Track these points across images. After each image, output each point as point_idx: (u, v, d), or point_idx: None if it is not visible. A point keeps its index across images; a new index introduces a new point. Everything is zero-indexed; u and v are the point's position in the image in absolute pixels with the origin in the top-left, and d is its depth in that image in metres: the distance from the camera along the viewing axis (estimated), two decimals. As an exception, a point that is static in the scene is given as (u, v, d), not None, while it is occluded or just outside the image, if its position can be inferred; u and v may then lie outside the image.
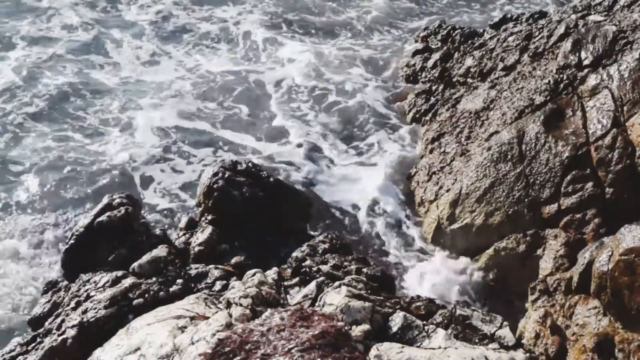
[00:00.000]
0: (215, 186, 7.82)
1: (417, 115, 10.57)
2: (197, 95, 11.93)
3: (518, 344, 5.61)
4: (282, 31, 14.52)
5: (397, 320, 5.39)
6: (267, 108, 11.63)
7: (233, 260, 7.09)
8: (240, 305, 5.44)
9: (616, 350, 5.28)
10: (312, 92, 12.06)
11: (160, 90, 12.02)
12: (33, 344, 6.18)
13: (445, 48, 11.71)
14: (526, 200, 7.29)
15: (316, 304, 5.61)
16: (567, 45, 8.26)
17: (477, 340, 5.45)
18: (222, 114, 11.45)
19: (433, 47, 12.26)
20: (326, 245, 7.30)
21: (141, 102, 11.65)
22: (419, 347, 5.13)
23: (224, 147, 10.61)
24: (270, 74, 12.71)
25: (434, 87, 10.79)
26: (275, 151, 10.45)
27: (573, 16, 9.08)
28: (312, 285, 5.93)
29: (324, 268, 6.67)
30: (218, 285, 6.56)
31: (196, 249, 7.34)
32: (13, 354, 6.16)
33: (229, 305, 5.54)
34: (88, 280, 6.74)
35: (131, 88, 12.18)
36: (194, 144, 10.64)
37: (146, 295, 6.32)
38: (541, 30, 9.51)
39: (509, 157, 7.63)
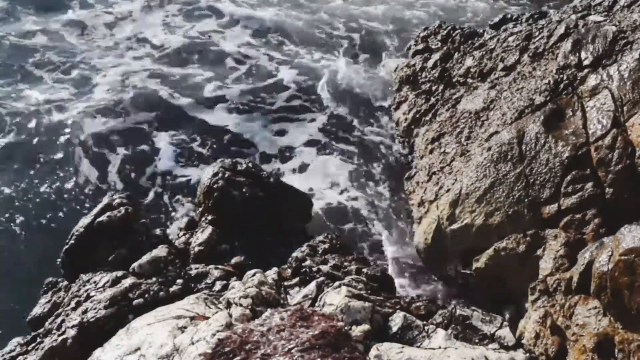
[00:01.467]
0: (215, 186, 7.82)
1: (417, 116, 10.57)
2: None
3: (518, 344, 5.62)
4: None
5: (397, 321, 5.39)
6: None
7: (233, 260, 7.09)
8: (240, 305, 5.44)
9: (616, 351, 5.27)
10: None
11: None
12: (33, 344, 6.19)
13: (445, 48, 11.69)
14: (526, 200, 7.28)
15: (316, 304, 5.61)
16: (567, 45, 8.25)
17: (477, 340, 5.45)
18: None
19: (433, 47, 12.24)
20: (326, 245, 7.30)
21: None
22: (419, 347, 5.13)
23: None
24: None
25: (434, 88, 10.79)
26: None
27: (573, 16, 9.07)
28: (312, 285, 5.93)
29: (324, 268, 6.67)
30: (218, 286, 6.56)
31: (196, 249, 7.34)
32: (13, 354, 6.17)
33: (229, 305, 5.54)
34: (88, 280, 6.75)
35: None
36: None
37: (146, 295, 6.33)
38: (541, 30, 9.50)
39: (509, 157, 7.63)
